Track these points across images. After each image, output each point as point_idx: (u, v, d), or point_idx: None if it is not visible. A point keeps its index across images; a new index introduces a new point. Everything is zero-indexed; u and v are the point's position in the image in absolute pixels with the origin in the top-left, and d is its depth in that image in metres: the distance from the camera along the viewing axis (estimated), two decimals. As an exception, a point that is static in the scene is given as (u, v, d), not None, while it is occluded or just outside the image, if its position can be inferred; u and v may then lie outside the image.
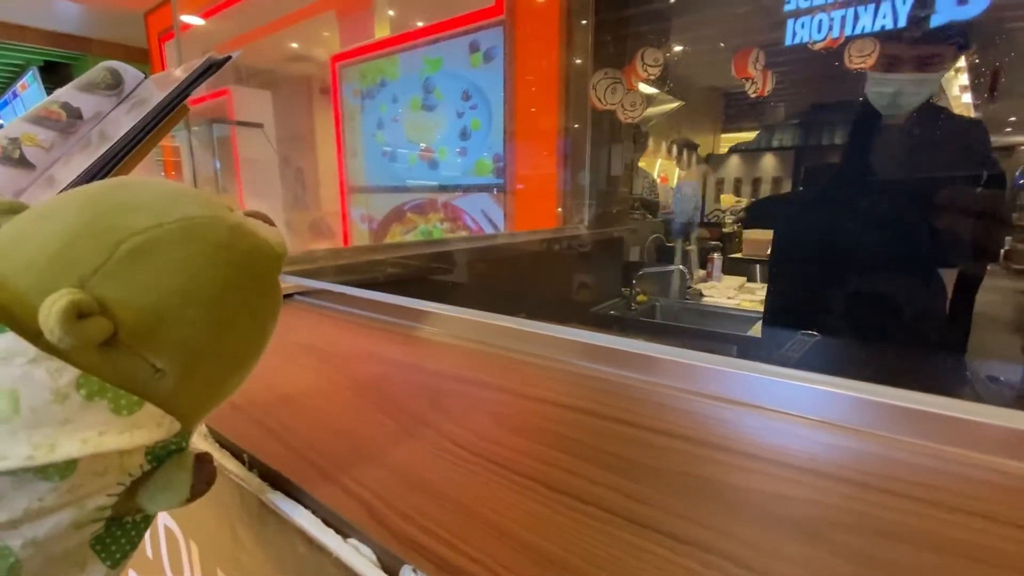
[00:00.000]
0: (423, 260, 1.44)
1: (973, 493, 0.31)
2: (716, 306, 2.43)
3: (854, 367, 0.82)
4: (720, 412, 0.41)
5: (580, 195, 2.55)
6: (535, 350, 0.55)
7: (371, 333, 0.64)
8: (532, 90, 2.50)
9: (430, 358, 0.55)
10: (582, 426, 0.40)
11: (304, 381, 0.50)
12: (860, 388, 0.39)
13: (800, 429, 0.39)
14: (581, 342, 0.52)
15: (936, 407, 0.37)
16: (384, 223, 3.16)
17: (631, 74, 2.60)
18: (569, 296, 2.21)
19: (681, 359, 0.46)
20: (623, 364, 0.50)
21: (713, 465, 0.34)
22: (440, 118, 2.78)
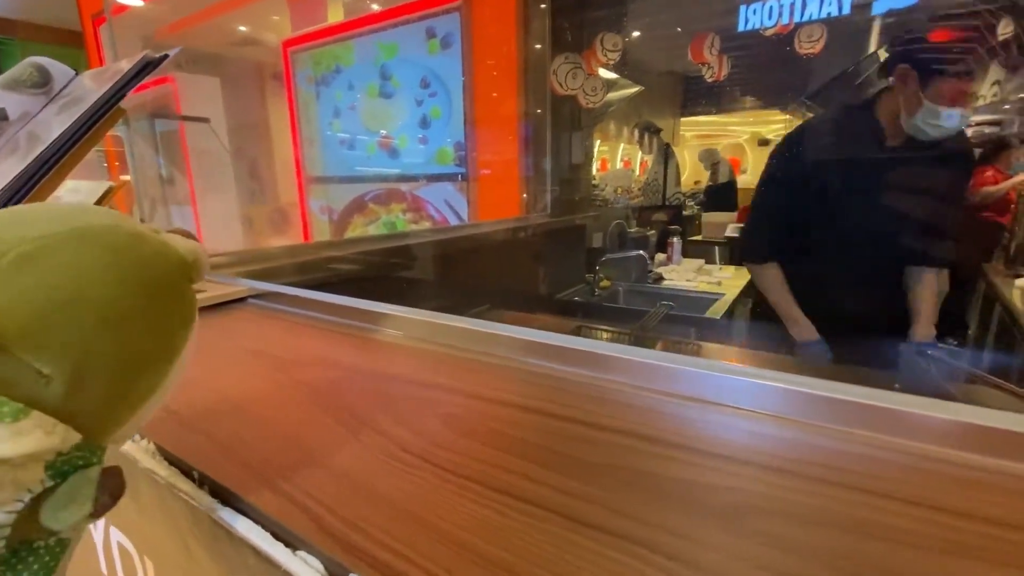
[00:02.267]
0: (384, 255, 1.43)
1: (889, 475, 0.34)
2: (676, 289, 2.50)
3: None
4: (664, 406, 0.44)
5: (542, 182, 2.56)
6: (491, 350, 0.56)
7: (326, 336, 0.64)
8: (492, 77, 2.48)
9: (385, 361, 0.56)
10: (529, 425, 0.41)
11: (256, 389, 0.50)
12: (791, 380, 0.42)
13: (736, 420, 0.42)
14: (534, 341, 0.53)
15: (860, 396, 0.40)
16: (345, 215, 3.09)
17: (591, 59, 2.61)
18: (535, 284, 2.24)
19: (627, 355, 0.48)
20: (574, 361, 0.51)
21: (652, 459, 0.36)
22: (399, 106, 2.73)
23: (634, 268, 2.58)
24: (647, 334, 1.14)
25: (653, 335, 1.15)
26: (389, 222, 2.90)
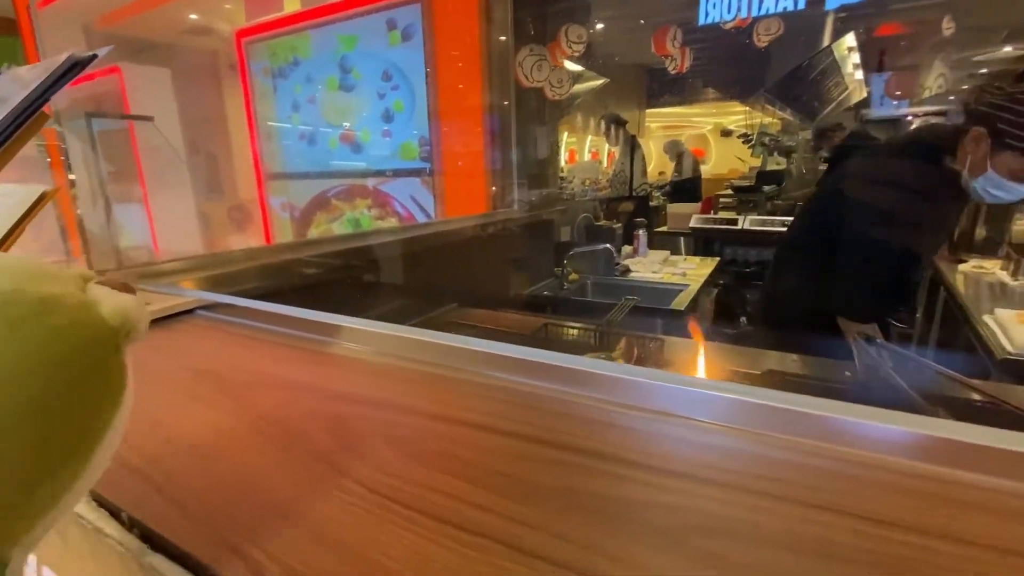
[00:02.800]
0: (346, 256, 1.39)
1: (834, 487, 0.34)
2: (642, 281, 2.54)
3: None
4: (617, 419, 0.43)
5: (509, 177, 2.55)
6: (450, 363, 0.55)
7: (278, 351, 0.61)
8: (455, 69, 2.44)
9: (341, 379, 0.54)
10: (480, 445, 0.40)
11: (196, 417, 0.47)
12: (739, 391, 0.42)
13: (685, 431, 0.42)
14: (492, 353, 0.52)
15: (804, 406, 0.40)
16: (307, 211, 3.01)
17: (556, 51, 2.60)
18: (503, 280, 2.23)
19: (581, 367, 0.48)
20: (531, 373, 0.51)
21: (600, 477, 0.36)
22: (360, 99, 2.66)
23: (601, 261, 2.61)
24: (612, 329, 1.14)
25: (618, 330, 1.16)
26: (353, 219, 2.84)
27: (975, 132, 1.09)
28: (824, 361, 1.03)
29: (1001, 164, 1.06)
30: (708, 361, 1.03)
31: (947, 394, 0.82)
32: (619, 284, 2.55)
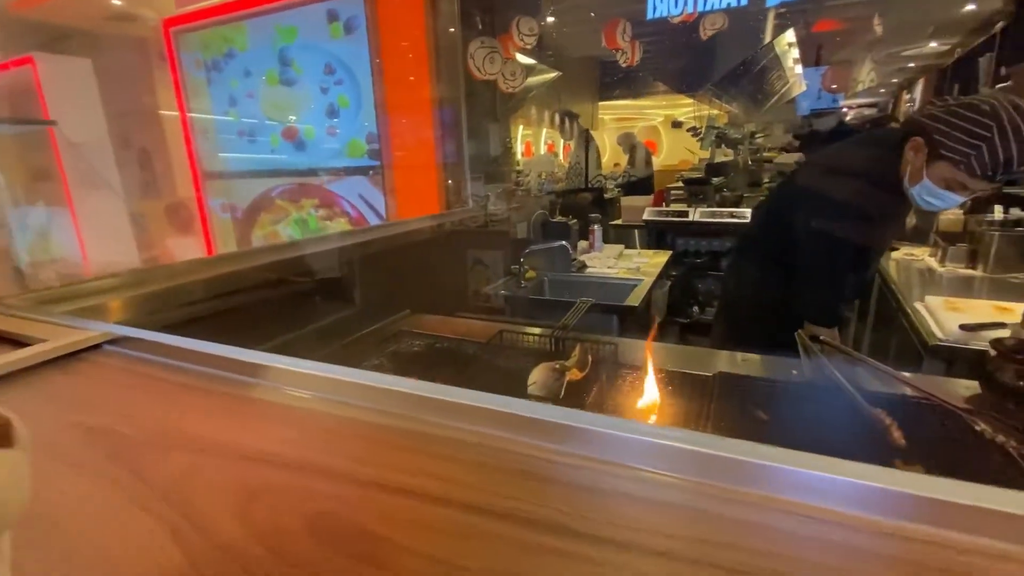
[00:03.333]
0: (287, 267, 1.31)
1: (783, 551, 0.32)
2: (599, 276, 2.55)
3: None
4: (562, 472, 0.40)
5: (463, 173, 2.50)
6: (385, 406, 0.49)
7: (193, 398, 0.54)
8: (402, 62, 2.35)
9: (262, 433, 0.47)
10: (405, 518, 0.36)
11: (75, 492, 0.39)
12: (687, 439, 0.39)
13: (634, 487, 0.38)
14: (430, 397, 0.48)
15: (755, 456, 0.38)
16: (250, 212, 2.85)
17: (508, 43, 2.56)
18: (459, 282, 2.18)
19: (528, 413, 0.43)
20: (482, 421, 0.46)
21: (541, 556, 0.33)
22: (302, 94, 2.53)
23: (558, 258, 2.60)
24: (567, 334, 1.13)
25: (574, 334, 1.14)
26: (300, 219, 2.71)
27: (914, 142, 1.13)
28: (773, 360, 1.05)
29: (935, 174, 1.10)
30: (660, 364, 1.03)
31: (886, 391, 0.85)
32: (576, 281, 2.55)
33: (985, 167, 1.00)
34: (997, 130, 0.96)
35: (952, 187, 1.09)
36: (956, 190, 1.09)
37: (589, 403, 0.80)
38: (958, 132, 1.02)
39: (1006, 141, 0.96)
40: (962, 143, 1.01)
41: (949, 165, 1.06)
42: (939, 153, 1.06)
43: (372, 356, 1.12)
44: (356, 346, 1.18)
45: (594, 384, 0.88)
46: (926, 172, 1.11)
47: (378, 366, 1.07)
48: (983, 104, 1.01)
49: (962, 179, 1.05)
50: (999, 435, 0.66)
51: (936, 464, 0.64)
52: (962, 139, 1.01)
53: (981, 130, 0.98)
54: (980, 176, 1.02)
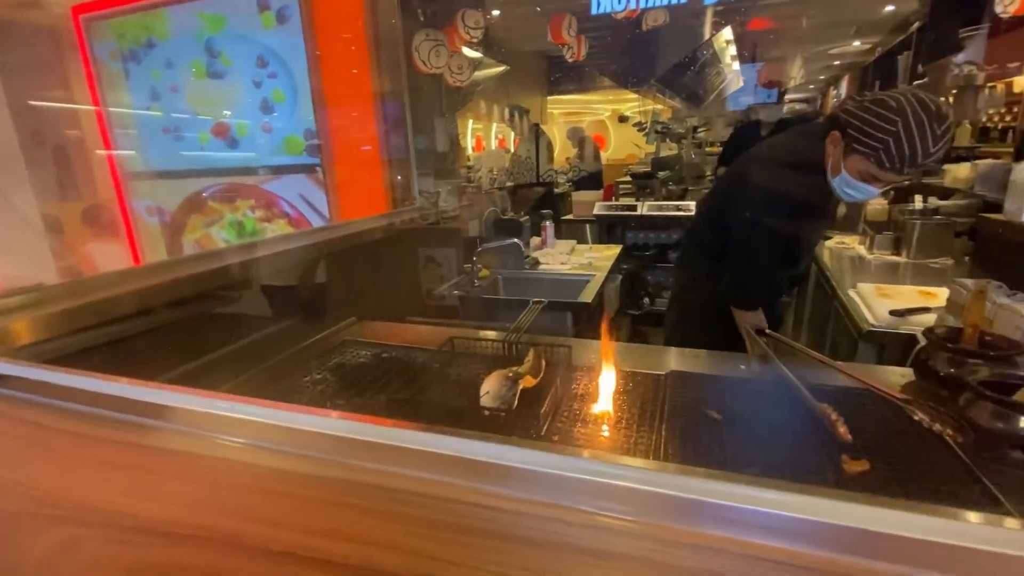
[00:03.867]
0: (221, 276, 1.20)
1: None
2: (552, 273, 2.54)
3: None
4: (509, 526, 0.35)
5: (410, 169, 2.42)
6: (301, 449, 0.42)
7: (83, 451, 0.44)
8: (342, 54, 2.24)
9: (157, 492, 0.39)
10: None
11: None
12: (641, 478, 0.36)
13: (587, 537, 0.34)
14: (352, 438, 0.41)
15: (714, 496, 0.36)
16: (180, 215, 2.65)
17: (453, 36, 2.49)
18: (409, 284, 2.11)
19: (483, 458, 0.39)
20: (423, 465, 0.41)
21: None
22: (232, 88, 2.36)
23: (511, 255, 2.57)
24: (520, 339, 1.10)
25: (527, 338, 1.11)
26: (236, 222, 2.54)
27: (832, 136, 1.18)
28: (722, 356, 1.06)
29: (851, 166, 1.15)
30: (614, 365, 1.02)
31: (830, 383, 0.87)
32: (530, 278, 2.53)
33: (893, 160, 1.04)
34: (902, 125, 1.01)
35: (866, 179, 1.14)
36: (870, 182, 1.14)
37: (543, 412, 0.78)
38: (868, 127, 1.06)
39: (911, 136, 1.00)
40: (872, 137, 1.06)
41: (862, 158, 1.10)
42: (853, 147, 1.11)
43: (314, 370, 1.05)
44: (296, 360, 1.10)
45: (548, 390, 0.85)
46: (844, 165, 1.16)
47: (320, 380, 1.00)
48: (891, 100, 1.05)
49: (874, 171, 1.10)
50: (936, 424, 0.68)
51: (880, 458, 0.66)
52: (872, 134, 1.05)
53: (888, 125, 1.02)
54: (889, 169, 1.07)
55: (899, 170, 1.06)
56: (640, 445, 0.75)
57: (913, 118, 1.00)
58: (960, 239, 2.21)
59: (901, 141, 1.01)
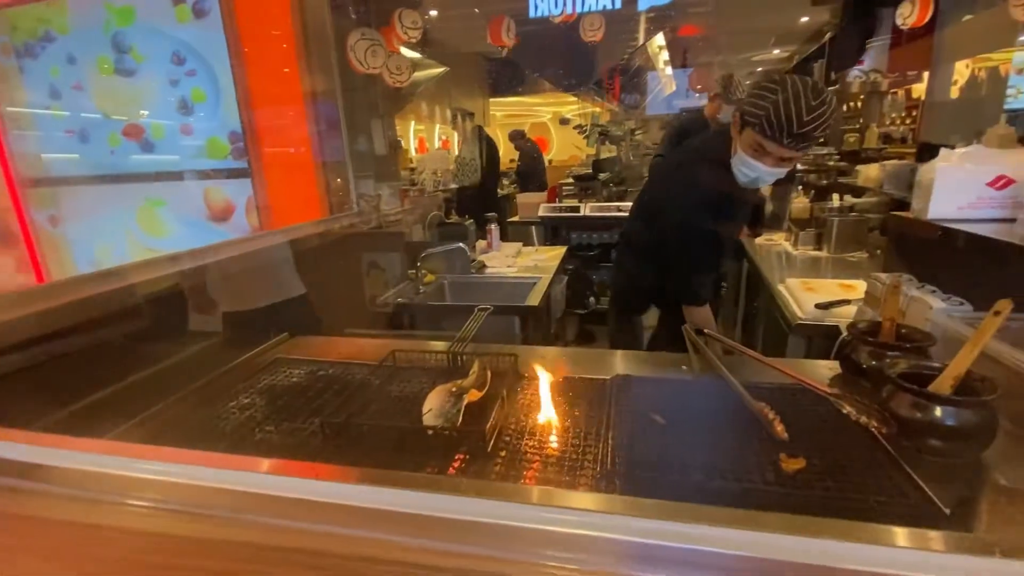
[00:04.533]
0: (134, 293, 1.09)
1: None
2: (498, 277, 2.52)
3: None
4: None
5: (346, 172, 2.32)
6: (214, 509, 0.36)
7: None
8: (268, 53, 2.11)
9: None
10: None
11: None
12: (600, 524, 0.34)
13: None
14: (286, 496, 0.36)
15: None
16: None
17: (391, 36, 2.42)
18: (350, 293, 2.02)
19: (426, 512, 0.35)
20: (350, 522, 0.36)
21: None
22: (145, 86, 2.17)
23: (456, 260, 2.53)
24: (465, 350, 1.06)
25: (472, 348, 1.08)
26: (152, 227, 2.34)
27: (734, 118, 1.27)
28: (664, 356, 1.08)
29: (744, 141, 1.23)
30: (560, 371, 1.01)
31: (765, 380, 0.89)
32: (476, 282, 2.50)
33: (773, 127, 1.13)
34: (781, 95, 1.11)
35: (757, 152, 1.21)
36: (761, 156, 1.21)
37: (489, 427, 0.75)
38: (755, 99, 1.17)
39: (788, 105, 1.10)
40: (757, 107, 1.15)
41: (750, 130, 1.19)
42: (745, 120, 1.20)
43: (241, 394, 0.97)
44: (219, 384, 1.01)
45: (494, 403, 0.83)
46: (739, 143, 1.25)
47: (247, 405, 0.93)
48: (776, 76, 1.16)
49: (760, 140, 1.18)
50: (862, 416, 0.71)
51: (815, 453, 0.68)
52: (757, 104, 1.15)
53: (770, 95, 1.13)
54: (771, 137, 1.15)
55: (780, 138, 1.14)
56: (588, 455, 0.73)
57: (791, 89, 1.11)
58: (873, 234, 2.38)
59: (779, 109, 1.11)
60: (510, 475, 0.69)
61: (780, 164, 1.22)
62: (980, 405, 0.68)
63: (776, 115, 1.11)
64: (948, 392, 0.69)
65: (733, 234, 1.55)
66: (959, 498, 0.59)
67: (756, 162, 1.22)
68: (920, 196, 1.56)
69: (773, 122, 1.12)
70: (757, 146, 1.20)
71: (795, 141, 1.13)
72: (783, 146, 1.15)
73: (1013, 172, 1.42)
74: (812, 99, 1.09)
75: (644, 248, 1.62)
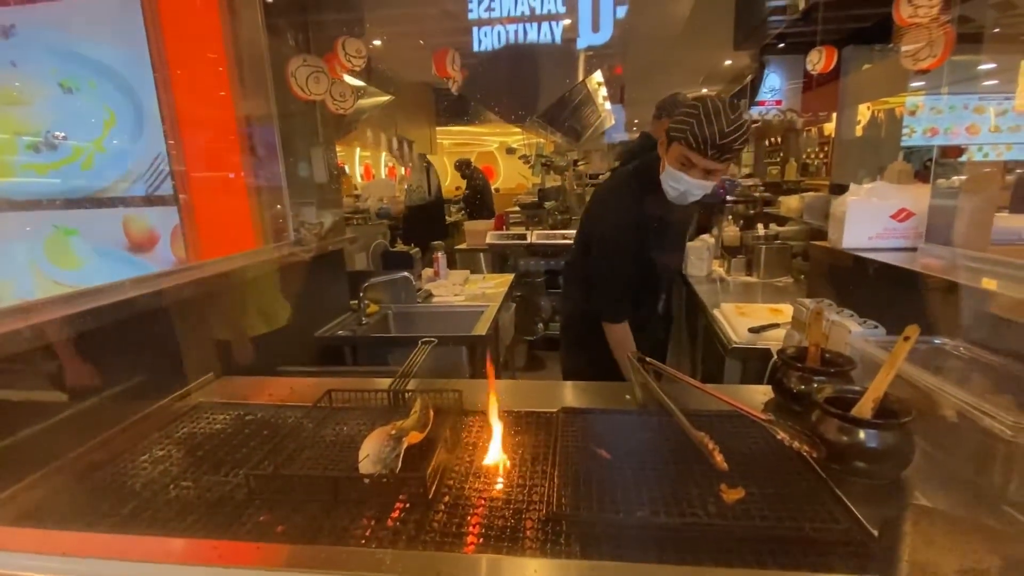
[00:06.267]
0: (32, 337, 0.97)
1: None
2: (445, 305, 2.49)
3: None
4: None
5: (282, 200, 2.23)
6: None
7: None
8: (199, 74, 2.03)
9: None
10: None
11: None
12: None
13: None
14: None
15: None
16: None
17: (334, 63, 2.39)
18: (286, 328, 1.91)
19: None
20: None
21: None
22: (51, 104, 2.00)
23: (402, 289, 2.47)
24: (406, 388, 1.02)
25: (415, 385, 1.04)
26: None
27: (662, 137, 1.37)
28: (609, 387, 1.08)
29: (671, 156, 1.33)
30: (505, 406, 0.99)
31: (703, 406, 0.91)
32: (421, 312, 2.45)
33: (697, 139, 1.23)
34: (702, 110, 1.23)
35: (684, 164, 1.30)
36: (687, 168, 1.30)
37: (431, 471, 0.71)
38: (680, 117, 1.28)
39: (709, 119, 1.21)
40: (682, 123, 1.26)
41: (677, 144, 1.29)
42: (671, 137, 1.31)
43: (155, 445, 0.87)
44: (132, 434, 0.91)
45: (437, 444, 0.79)
46: (666, 159, 1.35)
47: (162, 458, 0.84)
48: (696, 98, 1.28)
49: (686, 153, 1.28)
50: (795, 442, 0.74)
51: (754, 482, 0.70)
52: (682, 120, 1.26)
53: (693, 110, 1.24)
54: (695, 149, 1.25)
55: (704, 149, 1.24)
56: (534, 495, 0.71)
57: (711, 105, 1.22)
58: (797, 260, 2.56)
59: (703, 123, 1.22)
60: (452, 523, 0.66)
61: (706, 177, 1.31)
62: (898, 427, 0.72)
63: (700, 129, 1.22)
64: (869, 415, 0.73)
65: (665, 258, 1.61)
66: (885, 520, 0.61)
67: (684, 175, 1.31)
68: (835, 227, 1.69)
69: (698, 135, 1.22)
70: (684, 160, 1.29)
71: (719, 152, 1.23)
72: (708, 158, 1.25)
73: (912, 205, 1.57)
74: (731, 114, 1.21)
75: (585, 274, 1.65)
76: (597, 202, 1.67)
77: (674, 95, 2.10)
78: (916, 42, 1.63)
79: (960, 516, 0.64)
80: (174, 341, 1.14)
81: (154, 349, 1.10)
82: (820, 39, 3.05)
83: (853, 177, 2.62)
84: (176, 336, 1.17)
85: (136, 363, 1.03)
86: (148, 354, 1.08)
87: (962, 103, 2.16)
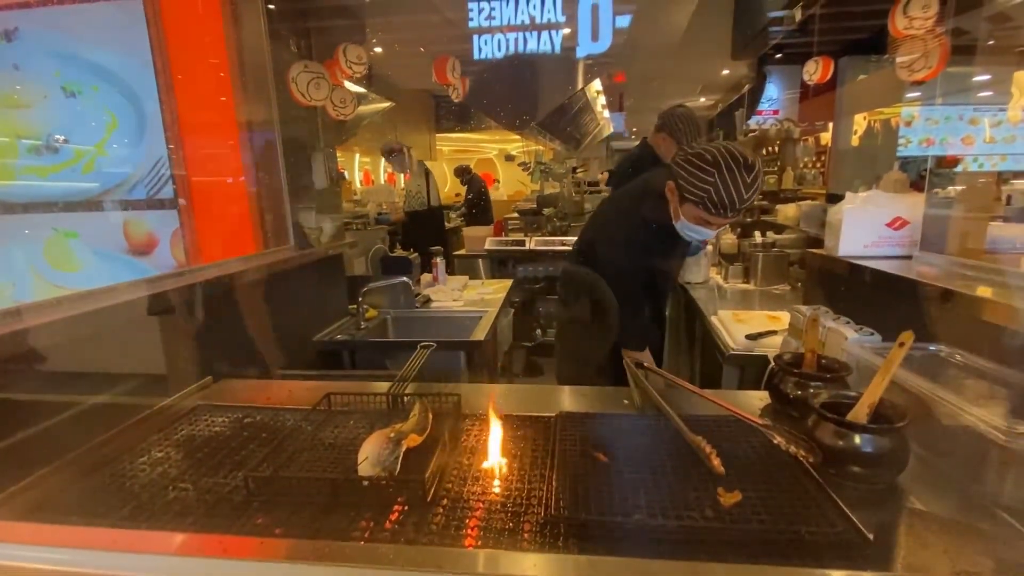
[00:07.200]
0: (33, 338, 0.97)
1: None
2: (444, 311, 2.49)
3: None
4: None
5: (283, 205, 2.24)
6: None
7: None
8: (201, 80, 2.04)
9: None
10: None
11: None
12: None
13: None
14: None
15: None
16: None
17: (335, 69, 2.41)
18: (285, 331, 1.91)
19: None
20: None
21: None
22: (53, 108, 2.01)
23: (401, 294, 2.48)
24: (405, 391, 1.03)
25: (414, 389, 1.05)
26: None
27: (669, 185, 1.33)
28: (607, 392, 1.09)
29: (687, 212, 1.31)
30: (504, 410, 0.99)
31: (701, 411, 0.92)
32: (420, 317, 2.46)
33: (716, 207, 1.21)
34: (718, 177, 1.18)
35: (701, 223, 1.29)
36: (705, 225, 1.30)
37: (430, 474, 0.72)
38: (693, 179, 1.23)
39: (727, 186, 1.18)
40: (697, 188, 1.22)
41: (692, 205, 1.26)
42: (684, 196, 1.27)
43: (154, 447, 0.87)
44: (130, 437, 0.91)
45: (436, 447, 0.79)
46: (681, 212, 1.32)
47: (161, 460, 0.84)
48: (707, 154, 1.22)
49: (704, 216, 1.26)
50: (791, 446, 0.74)
51: (751, 486, 0.70)
52: (696, 184, 1.22)
53: (708, 176, 1.20)
54: (715, 214, 1.23)
55: (723, 214, 1.22)
56: (532, 499, 0.72)
57: (727, 171, 1.17)
58: (794, 268, 2.57)
59: (719, 190, 1.18)
60: (451, 525, 0.66)
61: (723, 225, 1.32)
62: (894, 432, 0.73)
63: (718, 195, 1.19)
64: (865, 420, 0.74)
65: (668, 271, 1.63)
66: (880, 523, 0.62)
67: (701, 228, 1.30)
68: (831, 235, 1.70)
69: (716, 201, 1.20)
70: (702, 220, 1.27)
71: (737, 213, 1.23)
72: (727, 218, 1.25)
73: (907, 214, 1.59)
74: (747, 176, 1.18)
75: (587, 286, 1.66)
76: (605, 234, 1.63)
77: (676, 107, 2.11)
78: (911, 53, 1.65)
79: (954, 520, 0.65)
80: (173, 344, 1.14)
81: (153, 352, 1.11)
82: (817, 50, 3.08)
83: (849, 186, 2.64)
84: (175, 339, 1.18)
85: (135, 366, 1.03)
86: (147, 357, 1.08)
87: (957, 114, 2.19)
